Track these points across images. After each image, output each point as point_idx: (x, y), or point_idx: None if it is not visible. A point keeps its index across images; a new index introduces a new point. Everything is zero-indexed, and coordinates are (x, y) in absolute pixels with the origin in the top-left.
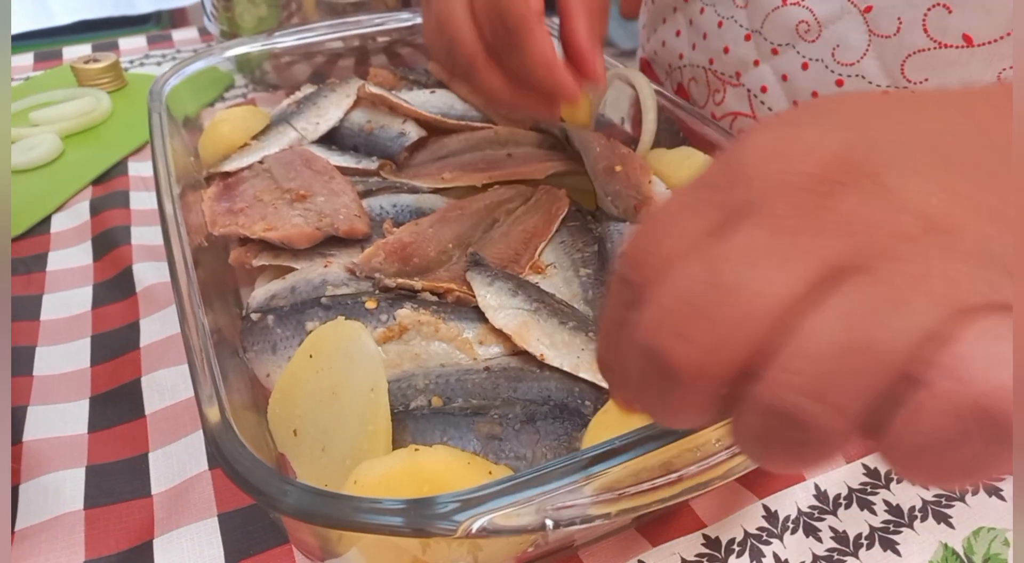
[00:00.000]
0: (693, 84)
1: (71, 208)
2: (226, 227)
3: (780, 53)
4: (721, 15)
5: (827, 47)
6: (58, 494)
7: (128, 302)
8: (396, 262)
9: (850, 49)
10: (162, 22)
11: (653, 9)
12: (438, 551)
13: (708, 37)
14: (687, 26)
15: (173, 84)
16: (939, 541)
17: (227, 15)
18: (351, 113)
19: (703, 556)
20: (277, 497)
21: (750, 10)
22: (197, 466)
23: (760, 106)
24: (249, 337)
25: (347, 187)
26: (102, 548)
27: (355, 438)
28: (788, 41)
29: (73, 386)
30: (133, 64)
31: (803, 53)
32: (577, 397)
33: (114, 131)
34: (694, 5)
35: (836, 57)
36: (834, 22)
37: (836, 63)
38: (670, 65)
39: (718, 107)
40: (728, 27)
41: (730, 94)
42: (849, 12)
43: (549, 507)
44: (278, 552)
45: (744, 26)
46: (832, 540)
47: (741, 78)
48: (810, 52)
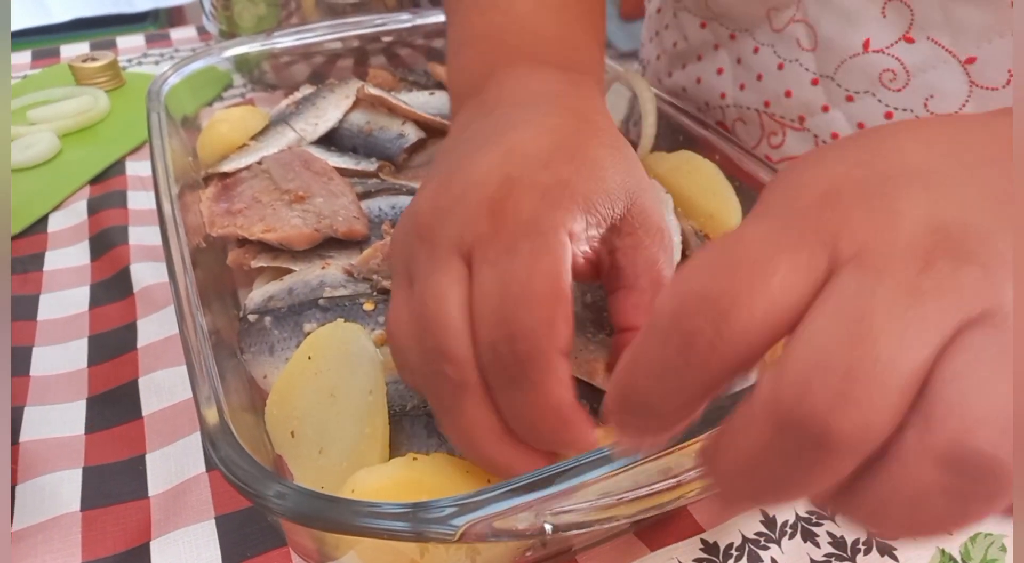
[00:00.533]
0: (740, 125)
1: (68, 207)
2: (224, 228)
3: (856, 100)
4: (782, 57)
5: (918, 96)
6: (55, 495)
7: (126, 302)
8: None
9: (946, 98)
10: (160, 21)
11: (683, 47)
12: (436, 555)
13: (764, 78)
14: (733, 65)
15: (171, 83)
16: (936, 547)
17: (226, 14)
18: (350, 114)
19: (701, 561)
20: (274, 500)
21: (819, 54)
22: (195, 468)
23: None
24: (246, 338)
25: (346, 188)
26: (99, 550)
27: (353, 440)
28: (868, 89)
29: (70, 386)
30: (131, 63)
31: (886, 101)
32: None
33: (112, 130)
34: (744, 43)
35: (929, 107)
36: (927, 71)
37: (927, 112)
38: (707, 103)
39: (775, 150)
40: (791, 70)
41: (791, 137)
42: (946, 62)
43: (547, 511)
44: (275, 555)
45: (811, 70)
46: (830, 545)
47: (805, 122)
48: (895, 101)
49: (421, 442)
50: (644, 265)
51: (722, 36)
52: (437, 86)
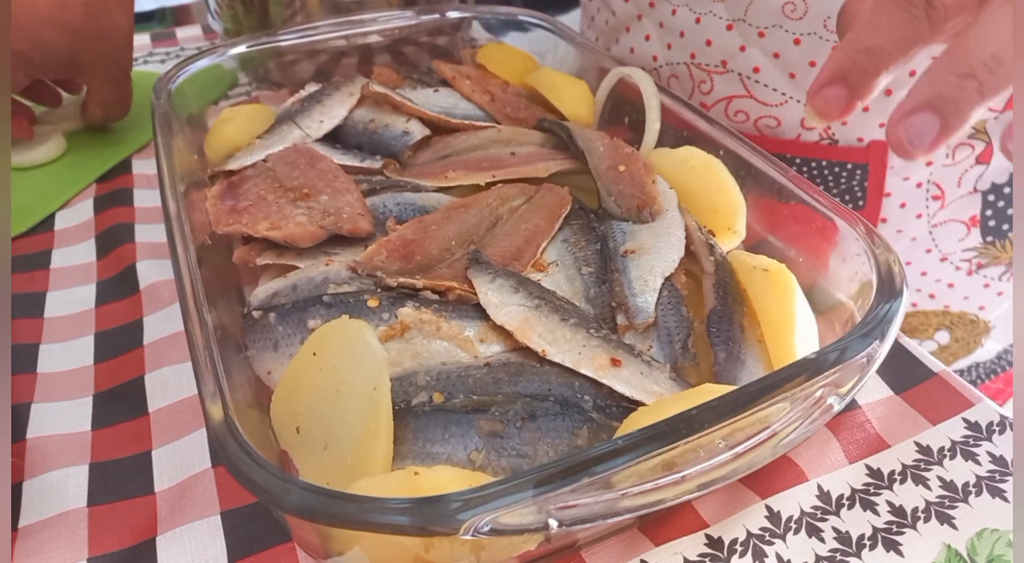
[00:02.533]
0: (674, 81)
1: (75, 206)
2: (230, 226)
3: (767, 35)
4: (697, 12)
5: (817, 21)
6: (62, 491)
7: (131, 300)
8: (398, 259)
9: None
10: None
11: (613, 22)
12: (441, 550)
13: (686, 34)
14: (657, 29)
15: (177, 82)
16: (942, 542)
17: (230, 13)
18: (355, 112)
19: (705, 556)
20: (280, 495)
21: (728, 2)
22: (200, 464)
23: (755, 85)
24: (251, 335)
25: (351, 186)
26: (105, 545)
27: (357, 436)
28: (775, 23)
29: (76, 383)
30: (137, 62)
31: (792, 30)
32: (577, 391)
33: (118, 129)
34: (663, 7)
35: (828, 26)
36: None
37: (829, 31)
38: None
39: (707, 96)
40: (707, 21)
41: (718, 82)
42: None
43: (552, 507)
44: (281, 550)
45: (724, 18)
46: (835, 541)
47: (728, 65)
48: (799, 28)
49: (424, 436)
50: None
51: (643, 5)
52: (441, 83)
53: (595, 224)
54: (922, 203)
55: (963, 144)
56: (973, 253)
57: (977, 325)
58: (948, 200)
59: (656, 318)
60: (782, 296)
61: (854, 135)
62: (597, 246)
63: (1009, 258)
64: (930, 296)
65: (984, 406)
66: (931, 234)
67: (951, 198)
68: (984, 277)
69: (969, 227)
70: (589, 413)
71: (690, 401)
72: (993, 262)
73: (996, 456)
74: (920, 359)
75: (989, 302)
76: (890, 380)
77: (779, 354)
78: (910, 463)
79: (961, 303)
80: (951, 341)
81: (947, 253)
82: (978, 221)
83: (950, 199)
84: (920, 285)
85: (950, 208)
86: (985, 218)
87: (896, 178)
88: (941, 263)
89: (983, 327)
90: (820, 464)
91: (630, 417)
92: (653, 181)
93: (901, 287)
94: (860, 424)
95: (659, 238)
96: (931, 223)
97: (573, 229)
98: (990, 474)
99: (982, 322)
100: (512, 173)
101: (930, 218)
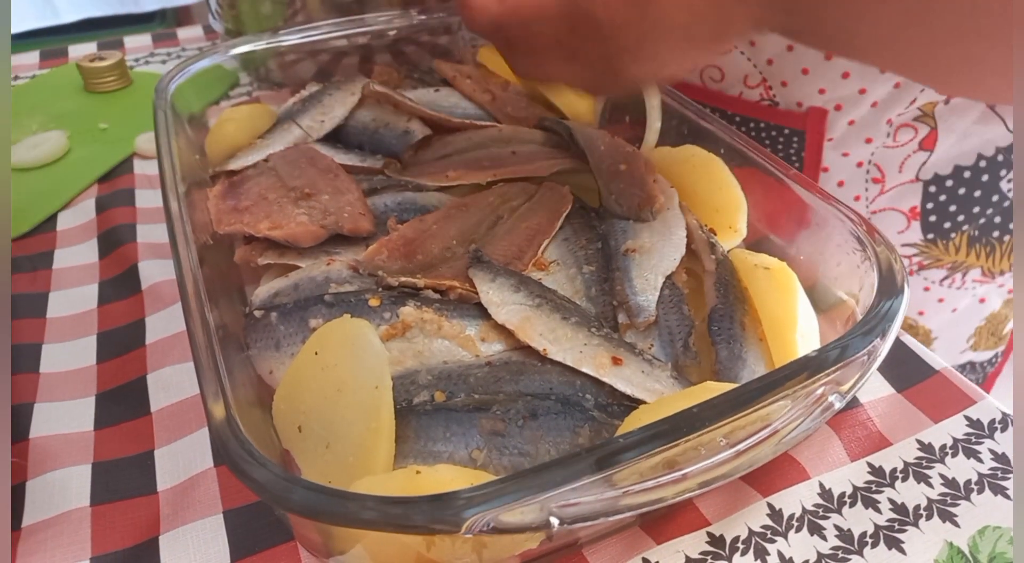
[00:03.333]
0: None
1: (77, 206)
2: (231, 225)
3: None
4: None
5: None
6: (64, 490)
7: (134, 300)
8: (399, 259)
9: None
10: (167, 20)
11: None
12: (443, 548)
13: None
14: None
15: (178, 82)
16: (944, 540)
17: (231, 13)
18: (356, 111)
19: (707, 554)
20: (282, 494)
21: None
22: (203, 463)
23: None
24: (252, 334)
25: (352, 185)
26: (108, 544)
27: (359, 435)
28: None
29: (79, 383)
30: (138, 62)
31: None
32: (579, 390)
33: (120, 129)
34: None
35: None
36: None
37: None
38: None
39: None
40: None
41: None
42: None
43: (553, 505)
44: (283, 549)
45: None
46: (837, 538)
47: None
48: None
49: (426, 435)
50: None
51: None
52: (442, 83)
53: (596, 223)
54: (861, 184)
55: (906, 125)
56: (913, 250)
57: (917, 331)
58: (888, 185)
59: (657, 317)
60: (783, 294)
61: (793, 98)
62: (598, 245)
63: (951, 262)
64: None
65: (986, 403)
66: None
67: (891, 183)
68: (924, 279)
69: (909, 219)
70: (590, 412)
71: (691, 399)
72: (935, 264)
73: (998, 453)
74: (921, 357)
75: (929, 308)
76: (892, 378)
77: (780, 352)
78: (912, 461)
79: None
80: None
81: None
82: (919, 214)
83: (890, 184)
84: None
85: (890, 194)
86: (926, 211)
87: (835, 152)
88: None
89: (924, 335)
90: (822, 462)
91: (631, 415)
92: (654, 180)
93: (902, 285)
94: (862, 422)
95: (660, 237)
96: (870, 209)
97: (574, 228)
98: (992, 472)
99: (922, 329)
100: (513, 172)
101: (869, 202)
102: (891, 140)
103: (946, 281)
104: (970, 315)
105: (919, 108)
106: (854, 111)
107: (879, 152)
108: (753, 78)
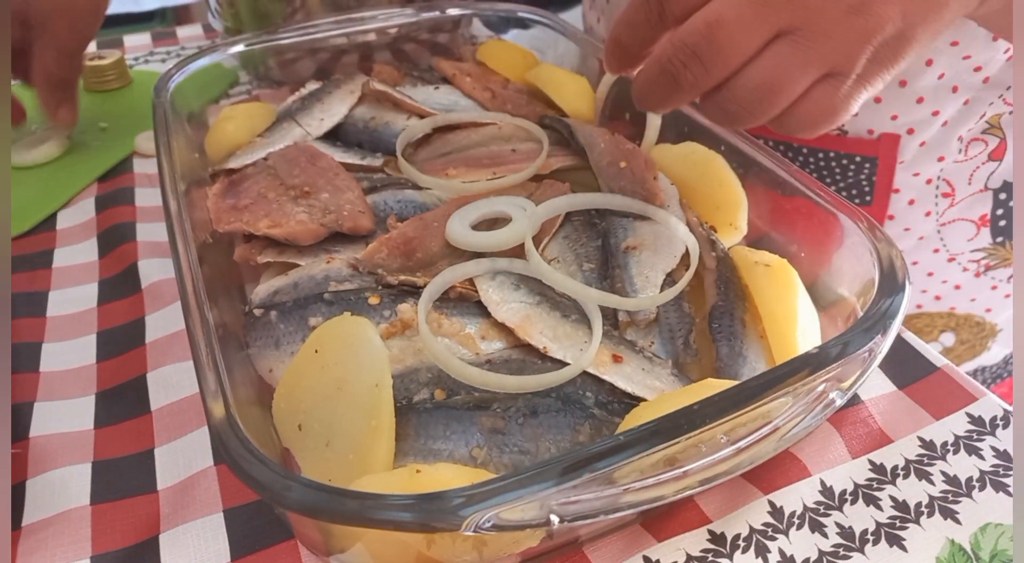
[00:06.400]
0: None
1: (77, 205)
2: (231, 224)
3: None
4: None
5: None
6: (65, 489)
7: (133, 298)
8: (399, 257)
9: None
10: (167, 19)
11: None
12: (443, 547)
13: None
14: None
15: (178, 81)
16: (946, 537)
17: (231, 11)
18: (356, 109)
19: (708, 552)
20: (282, 493)
21: None
22: (203, 461)
23: None
24: (252, 332)
25: (351, 183)
26: (108, 543)
27: (359, 433)
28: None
29: (79, 382)
30: (138, 61)
31: None
32: (579, 388)
33: (119, 128)
34: None
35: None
36: None
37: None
38: None
39: None
40: None
41: None
42: None
43: (554, 503)
44: (283, 547)
45: None
46: (838, 536)
47: None
48: None
49: (426, 433)
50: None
51: None
52: (442, 81)
53: (596, 220)
54: (931, 200)
55: (976, 140)
56: (982, 254)
57: (983, 328)
58: (958, 198)
59: (658, 314)
60: (784, 291)
61: (864, 127)
62: (598, 242)
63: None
64: (936, 297)
65: (987, 400)
66: (939, 233)
67: (961, 195)
68: (992, 279)
69: (979, 227)
70: (591, 409)
71: (692, 396)
72: (1002, 264)
73: (1000, 450)
74: (923, 354)
75: (996, 305)
76: (893, 375)
77: (781, 349)
78: (913, 458)
79: (967, 305)
80: (956, 343)
81: (955, 253)
82: (988, 220)
83: (960, 196)
84: (926, 286)
85: (960, 206)
86: (996, 217)
87: (905, 173)
88: (948, 263)
89: (989, 330)
90: (823, 459)
91: (632, 413)
92: (654, 177)
93: (903, 282)
94: (863, 419)
95: (660, 234)
96: (939, 221)
97: (575, 225)
98: (994, 469)
99: (988, 325)
100: (513, 170)
101: (939, 216)
102: (962, 155)
103: (1012, 278)
104: None
105: (987, 120)
106: (925, 133)
107: (949, 167)
108: None
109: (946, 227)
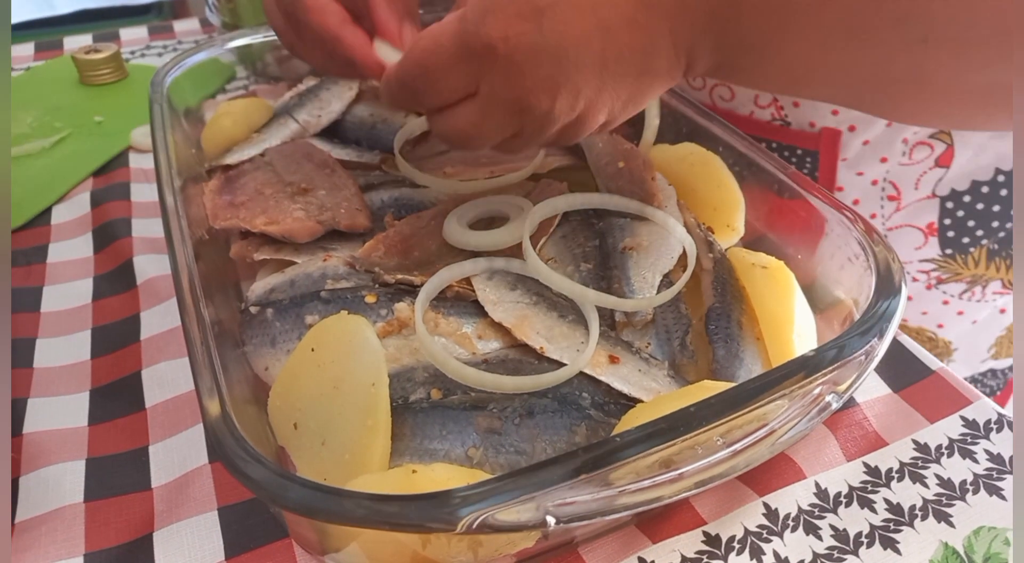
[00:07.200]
0: None
1: (72, 199)
2: (227, 220)
3: None
4: None
5: None
6: (58, 486)
7: (129, 294)
8: (396, 255)
9: None
10: (163, 12)
11: None
12: (438, 547)
13: None
14: None
15: (174, 75)
16: (939, 540)
17: (228, 6)
18: (353, 106)
19: (703, 554)
20: (277, 492)
21: None
22: (197, 459)
23: None
24: (248, 330)
25: (348, 181)
26: (102, 541)
27: (355, 432)
28: None
29: (73, 378)
30: (134, 55)
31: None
32: (576, 389)
33: (115, 122)
34: None
35: None
36: None
37: None
38: None
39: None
40: None
41: None
42: None
43: (549, 504)
44: (278, 546)
45: None
46: (832, 538)
47: None
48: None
49: (422, 433)
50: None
51: None
52: None
53: (594, 220)
54: (876, 202)
55: (922, 143)
56: (931, 265)
57: (936, 344)
58: (904, 202)
59: (654, 315)
60: (781, 293)
61: (806, 119)
62: (596, 242)
63: (970, 275)
64: None
65: (982, 404)
66: (886, 238)
67: (907, 200)
68: (943, 293)
69: (927, 235)
70: (587, 410)
71: (688, 398)
72: (954, 278)
73: (994, 454)
74: (918, 357)
75: (948, 320)
76: (888, 378)
77: (777, 351)
78: (908, 461)
79: (919, 318)
80: None
81: (904, 261)
82: (936, 230)
83: (906, 201)
84: None
85: (906, 211)
86: (944, 227)
87: (849, 172)
88: None
89: (943, 347)
90: (818, 462)
91: (628, 414)
92: (652, 178)
93: (900, 284)
94: (858, 422)
95: (658, 235)
96: (886, 225)
97: (572, 225)
98: (987, 472)
99: (941, 341)
100: (511, 169)
101: (885, 220)
102: (907, 158)
103: (965, 294)
104: (990, 326)
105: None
106: (868, 131)
107: (894, 169)
108: (764, 97)
109: (893, 232)
